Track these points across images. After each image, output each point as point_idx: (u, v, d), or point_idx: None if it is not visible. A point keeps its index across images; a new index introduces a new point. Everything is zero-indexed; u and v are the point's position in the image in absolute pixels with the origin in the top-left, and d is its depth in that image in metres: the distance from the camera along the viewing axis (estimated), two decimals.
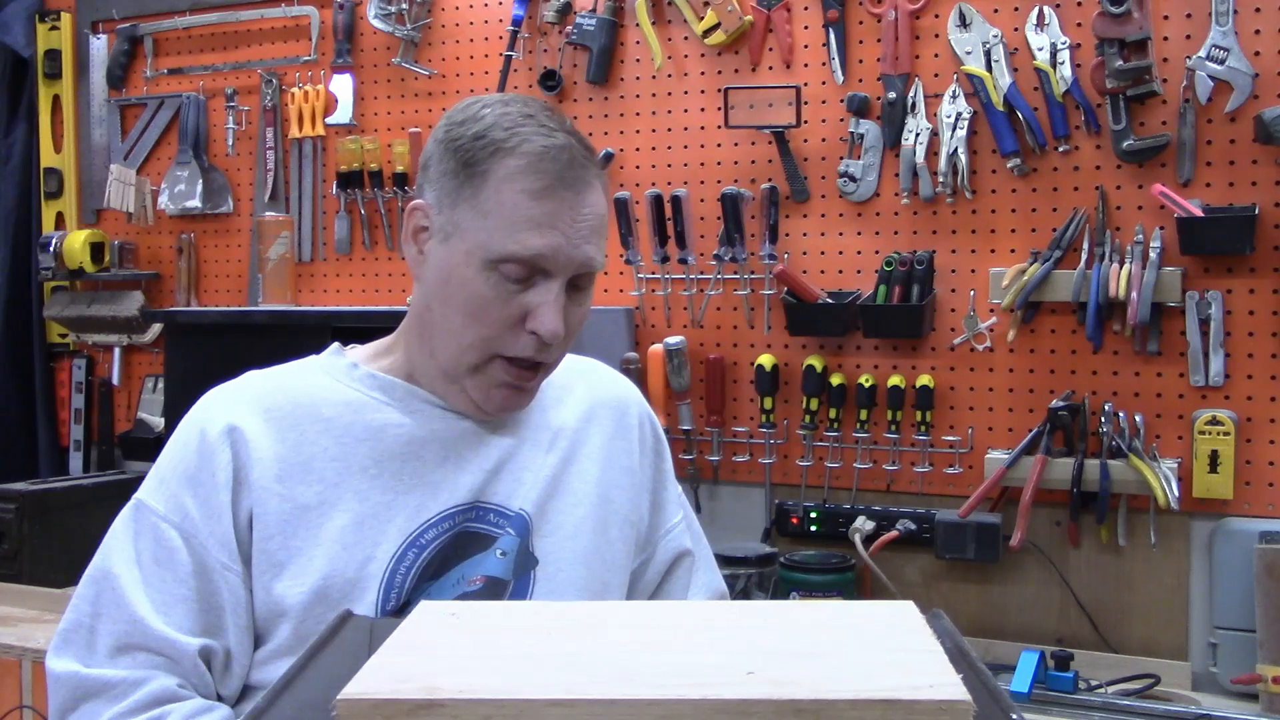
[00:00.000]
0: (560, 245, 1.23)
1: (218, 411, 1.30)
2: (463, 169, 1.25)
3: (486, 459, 1.34)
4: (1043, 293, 2.29)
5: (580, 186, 1.25)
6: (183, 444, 1.30)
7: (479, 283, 1.24)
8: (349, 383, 1.34)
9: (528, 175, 1.23)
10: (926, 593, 2.41)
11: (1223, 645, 2.17)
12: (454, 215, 1.26)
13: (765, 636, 0.88)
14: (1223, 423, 2.19)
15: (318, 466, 1.28)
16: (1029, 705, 2.06)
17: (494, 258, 1.23)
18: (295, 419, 1.29)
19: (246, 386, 1.34)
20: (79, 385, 3.31)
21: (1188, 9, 2.21)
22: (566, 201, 1.24)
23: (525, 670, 0.80)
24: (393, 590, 1.26)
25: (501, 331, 1.25)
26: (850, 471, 2.49)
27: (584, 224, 1.25)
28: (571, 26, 2.68)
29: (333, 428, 1.30)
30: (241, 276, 3.15)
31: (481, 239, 1.23)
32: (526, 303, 1.25)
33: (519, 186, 1.23)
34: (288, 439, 1.28)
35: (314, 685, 0.85)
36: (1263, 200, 2.18)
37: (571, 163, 1.25)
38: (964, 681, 0.75)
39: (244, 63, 3.10)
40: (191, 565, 1.23)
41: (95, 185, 3.27)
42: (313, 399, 1.31)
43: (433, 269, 1.28)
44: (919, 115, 2.40)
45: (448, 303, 1.27)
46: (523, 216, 1.22)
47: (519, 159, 1.24)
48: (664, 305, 2.65)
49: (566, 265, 1.25)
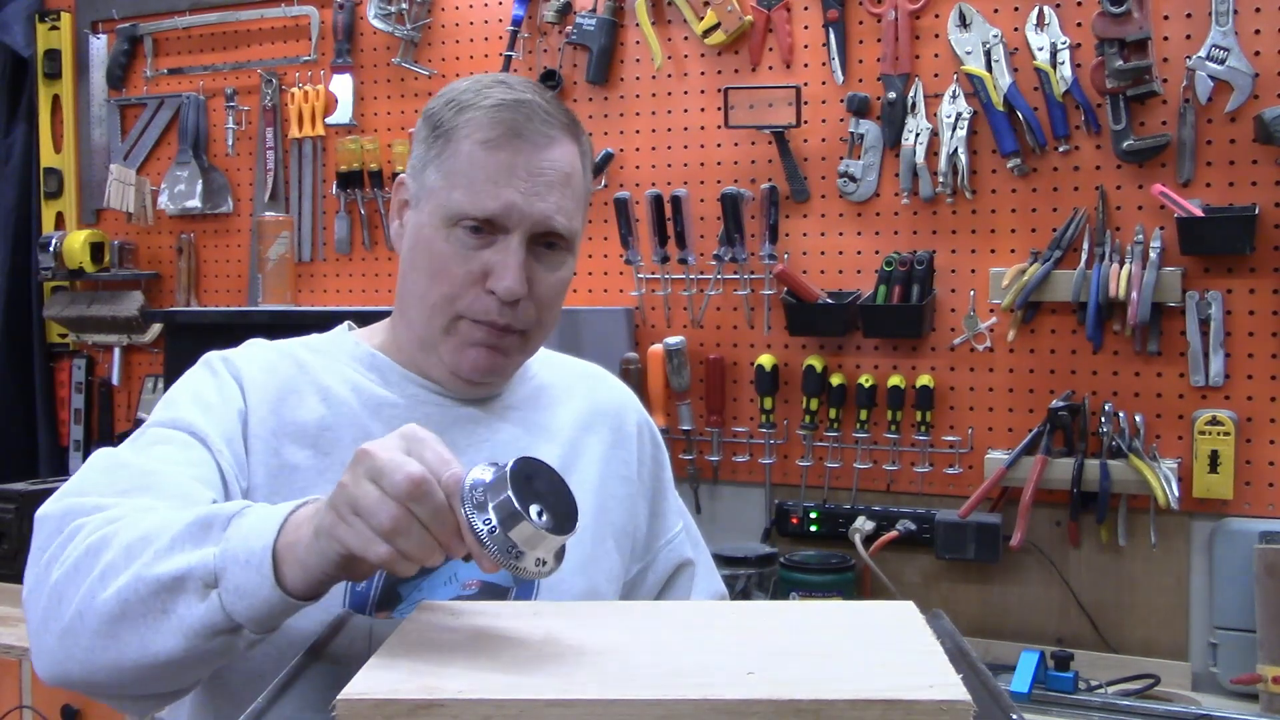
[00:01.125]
0: (514, 200, 1.21)
1: (225, 358, 1.28)
2: (432, 133, 1.26)
3: (479, 452, 1.29)
4: (1043, 293, 2.29)
5: (539, 140, 1.23)
6: (193, 378, 1.27)
7: (439, 241, 1.23)
8: (349, 361, 1.32)
9: (483, 127, 1.22)
10: (926, 593, 2.41)
11: (1223, 645, 2.17)
12: (424, 179, 1.26)
13: (765, 636, 0.88)
14: (1223, 423, 2.19)
15: (311, 433, 1.25)
16: (1029, 705, 2.06)
17: (450, 215, 1.22)
18: (296, 383, 1.27)
19: (249, 348, 1.32)
20: (79, 385, 3.31)
21: (1188, 9, 2.21)
22: (522, 154, 1.22)
23: (525, 670, 0.80)
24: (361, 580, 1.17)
25: (463, 290, 1.23)
26: (850, 471, 2.49)
27: (542, 179, 1.22)
28: (571, 26, 2.68)
29: (330, 399, 1.27)
30: (241, 276, 3.15)
31: (442, 198, 1.23)
32: (486, 261, 1.23)
33: (475, 138, 1.22)
34: (288, 400, 1.26)
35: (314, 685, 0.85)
36: (1263, 200, 2.18)
37: (531, 116, 1.23)
38: (964, 681, 0.75)
39: (244, 63, 3.10)
40: (208, 457, 1.18)
41: (95, 185, 3.27)
42: (313, 368, 1.30)
43: (408, 238, 1.28)
44: (919, 115, 2.40)
45: (415, 266, 1.26)
46: (478, 170, 1.21)
47: (478, 112, 1.23)
48: (664, 305, 2.64)
49: (521, 221, 1.22)
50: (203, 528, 0.99)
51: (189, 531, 0.99)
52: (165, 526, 1.00)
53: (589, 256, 2.72)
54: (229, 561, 0.95)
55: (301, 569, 0.93)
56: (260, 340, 1.34)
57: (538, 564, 0.85)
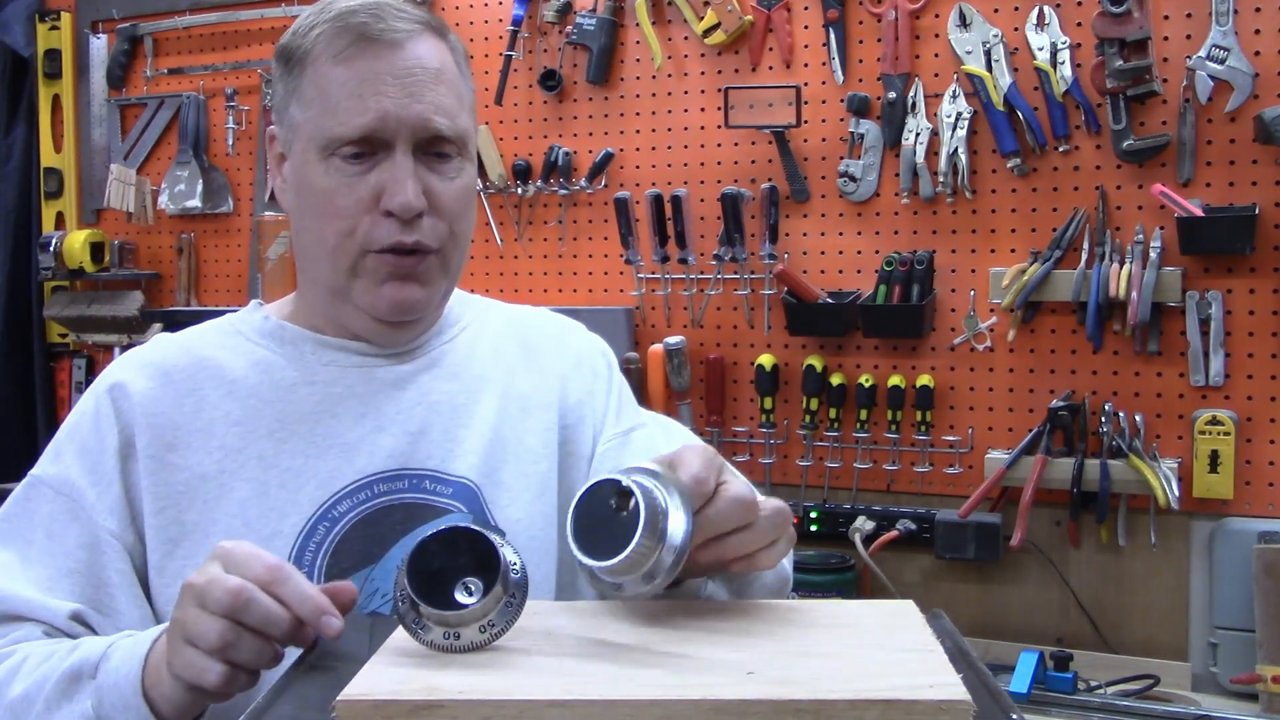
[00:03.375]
0: (385, 108, 1.11)
1: (110, 374, 1.20)
2: (284, 66, 1.17)
3: (410, 419, 1.20)
4: (1043, 293, 2.29)
5: (398, 38, 1.13)
6: (79, 411, 1.20)
7: (319, 176, 1.14)
8: (258, 340, 1.23)
9: (331, 41, 1.13)
10: (926, 593, 2.41)
11: (1222, 645, 2.17)
12: (287, 118, 1.17)
13: (765, 636, 0.88)
14: (1223, 423, 2.19)
15: (218, 432, 1.16)
16: (1028, 705, 2.06)
17: (323, 144, 1.13)
18: (197, 381, 1.18)
19: (151, 348, 1.24)
20: (79, 385, 3.31)
21: (1188, 9, 2.21)
22: (381, 57, 1.12)
23: (525, 670, 0.80)
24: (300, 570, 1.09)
25: (357, 220, 1.14)
26: (850, 471, 2.49)
27: (410, 79, 1.12)
28: (571, 26, 2.67)
29: (238, 390, 1.18)
30: (241, 276, 3.15)
31: (310, 130, 1.14)
32: (374, 183, 1.13)
33: (326, 55, 1.13)
34: (185, 404, 1.17)
35: (314, 685, 0.85)
36: (1263, 200, 2.18)
37: (380, 14, 1.13)
38: (964, 681, 0.75)
39: (244, 63, 3.10)
40: (81, 538, 1.13)
41: (95, 185, 3.27)
42: (219, 359, 1.20)
43: (290, 188, 1.19)
44: (919, 115, 2.40)
45: (304, 212, 1.17)
46: (337, 87, 1.12)
47: (323, 26, 1.14)
48: (664, 305, 2.64)
49: (399, 128, 1.12)
50: (72, 679, 1.01)
51: (60, 688, 1.01)
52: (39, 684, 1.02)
53: (589, 256, 2.73)
54: (109, 712, 0.98)
55: (171, 706, 0.95)
56: (165, 337, 1.26)
57: (482, 630, 0.83)
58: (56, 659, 1.04)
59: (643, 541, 0.83)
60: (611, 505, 0.85)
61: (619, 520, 0.84)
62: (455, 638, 0.82)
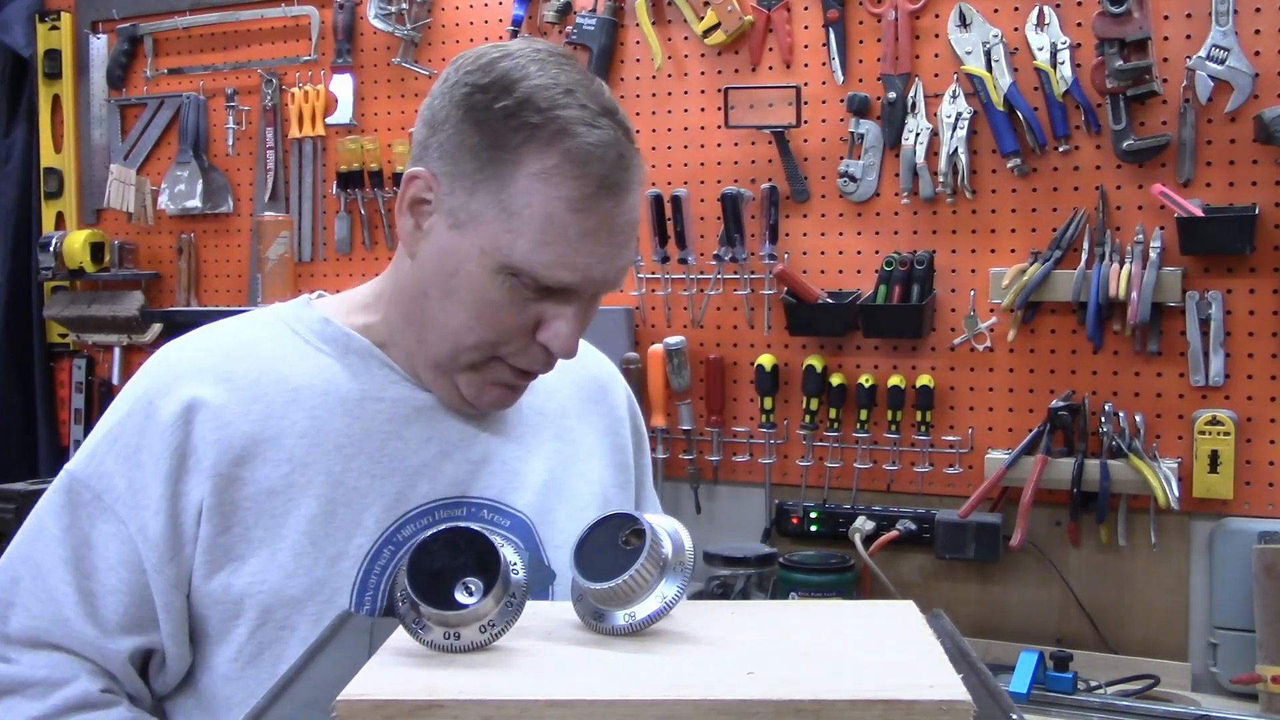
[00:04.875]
0: (593, 275, 1.08)
1: (172, 382, 1.13)
2: (485, 149, 1.07)
3: (472, 448, 1.18)
4: (1043, 293, 2.29)
5: (623, 192, 1.09)
6: (126, 413, 1.13)
7: (492, 287, 1.08)
8: (319, 344, 1.18)
9: (567, 180, 1.05)
10: (926, 593, 2.41)
11: (1222, 645, 2.17)
12: (470, 202, 1.08)
13: (765, 636, 0.88)
14: (1223, 423, 2.19)
15: (286, 443, 1.11)
16: (1028, 706, 2.06)
17: (510, 267, 1.07)
18: (260, 388, 1.13)
19: (205, 347, 1.18)
20: (79, 385, 3.31)
21: (1188, 9, 2.21)
22: (606, 214, 1.07)
23: (525, 670, 0.80)
24: (366, 594, 1.12)
25: (509, 339, 1.11)
26: (850, 471, 2.49)
27: (620, 237, 1.09)
28: (571, 26, 2.67)
29: (302, 399, 1.13)
30: (241, 276, 3.15)
31: (503, 242, 1.06)
32: (541, 313, 1.10)
33: (557, 193, 1.05)
34: (252, 412, 1.12)
35: (314, 685, 0.85)
36: (1263, 200, 2.18)
37: (619, 162, 1.08)
38: (964, 681, 0.75)
39: (244, 63, 3.10)
40: (123, 554, 1.09)
41: (95, 185, 3.26)
42: (280, 364, 1.15)
43: (434, 254, 1.11)
44: (919, 115, 2.40)
45: (450, 296, 1.10)
46: (557, 230, 1.05)
47: (558, 157, 1.05)
48: (664, 305, 2.64)
49: (598, 284, 1.11)
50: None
51: None
52: None
53: None
54: None
55: None
56: (213, 330, 1.20)
57: (482, 630, 0.83)
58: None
59: (642, 568, 0.85)
60: (620, 540, 0.87)
61: (623, 552, 0.86)
62: (455, 638, 0.82)
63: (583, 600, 0.89)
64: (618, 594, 0.85)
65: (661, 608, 0.85)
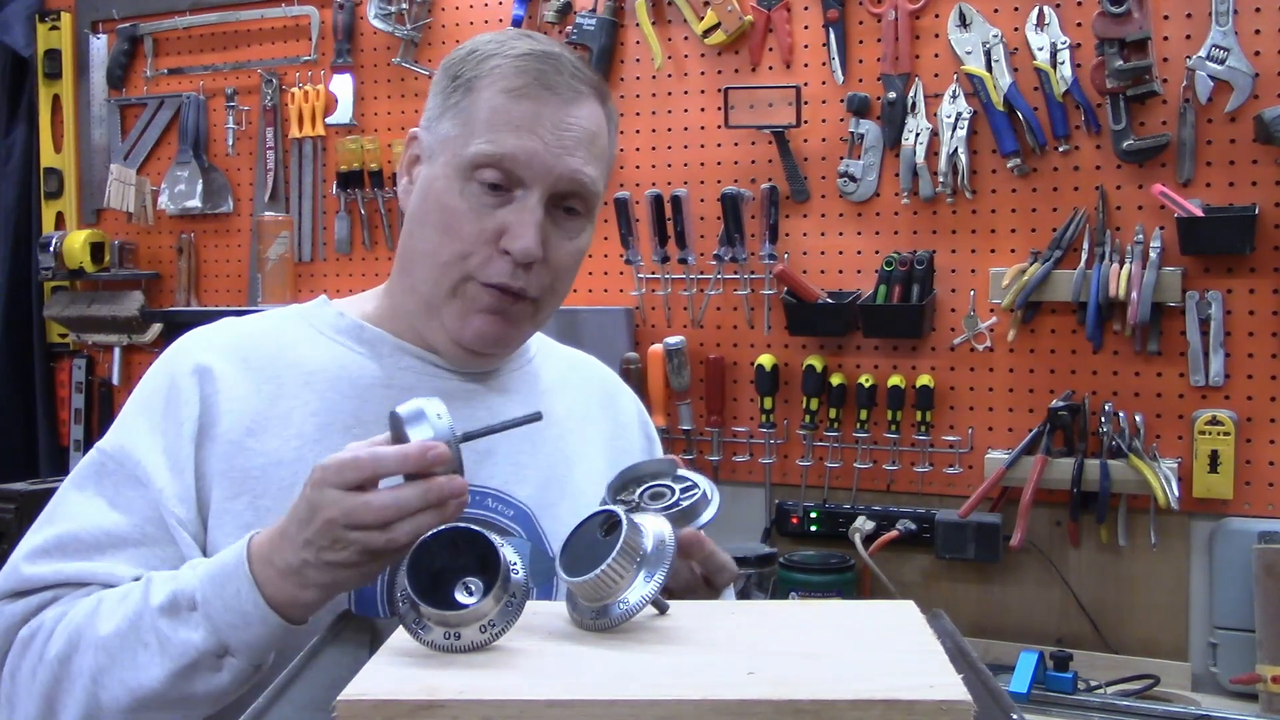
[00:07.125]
0: (537, 150, 1.14)
1: (190, 353, 1.20)
2: (451, 82, 1.20)
3: (479, 439, 1.20)
4: (1043, 293, 2.29)
5: (567, 94, 1.17)
6: (151, 388, 1.20)
7: (454, 194, 1.16)
8: (333, 335, 1.24)
9: (508, 75, 1.16)
10: (926, 593, 2.41)
11: (1222, 645, 2.17)
12: (438, 129, 1.20)
13: (765, 636, 0.88)
14: (1223, 423, 2.19)
15: (296, 420, 1.17)
16: (1028, 705, 2.06)
17: (468, 161, 1.15)
18: (274, 370, 1.20)
19: (224, 331, 1.24)
20: (79, 385, 3.31)
21: (1188, 9, 2.21)
22: (549, 105, 1.15)
23: (525, 670, 0.80)
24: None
25: (475, 248, 1.16)
26: (850, 471, 2.49)
27: (568, 134, 1.16)
28: (571, 26, 2.67)
29: (315, 382, 1.19)
30: (241, 276, 3.15)
31: (458, 146, 1.16)
32: (502, 220, 1.15)
33: (498, 86, 1.16)
34: (264, 390, 1.18)
35: (314, 685, 0.85)
36: (1263, 200, 2.18)
37: (559, 69, 1.17)
38: (964, 681, 0.75)
39: (244, 63, 3.10)
40: (148, 513, 1.13)
41: (95, 185, 3.27)
42: (295, 350, 1.22)
43: (418, 194, 1.21)
44: (919, 115, 2.40)
45: (424, 221, 1.19)
46: (499, 116, 1.15)
47: (503, 60, 1.17)
48: (664, 305, 2.64)
49: (543, 174, 1.15)
50: (169, 612, 1.04)
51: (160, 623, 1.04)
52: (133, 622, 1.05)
53: (589, 256, 2.72)
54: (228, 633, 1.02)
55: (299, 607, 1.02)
56: (232, 322, 1.26)
57: (482, 630, 0.83)
58: (136, 598, 1.06)
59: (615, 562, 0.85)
60: (599, 534, 0.89)
61: (603, 545, 0.87)
62: (455, 638, 0.82)
63: (570, 597, 0.89)
64: (592, 587, 0.86)
65: (639, 602, 0.86)
